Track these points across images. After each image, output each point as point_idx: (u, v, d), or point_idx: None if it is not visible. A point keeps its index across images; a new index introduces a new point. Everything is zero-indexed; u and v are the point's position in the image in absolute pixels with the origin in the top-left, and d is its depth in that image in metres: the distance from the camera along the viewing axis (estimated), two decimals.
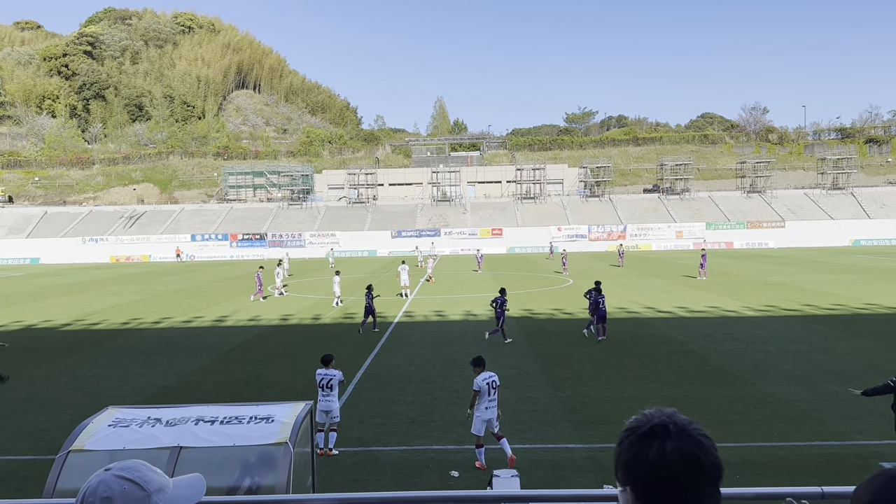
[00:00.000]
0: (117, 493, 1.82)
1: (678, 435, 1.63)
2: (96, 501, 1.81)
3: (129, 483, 1.85)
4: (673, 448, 1.61)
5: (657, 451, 1.61)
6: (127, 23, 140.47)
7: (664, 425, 1.66)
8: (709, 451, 1.62)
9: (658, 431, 1.65)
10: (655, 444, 1.63)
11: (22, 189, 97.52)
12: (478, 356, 11.59)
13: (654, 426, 1.66)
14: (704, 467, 1.60)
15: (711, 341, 20.41)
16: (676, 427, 1.65)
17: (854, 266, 45.31)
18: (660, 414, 1.70)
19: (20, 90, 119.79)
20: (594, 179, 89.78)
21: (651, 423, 1.67)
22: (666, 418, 1.68)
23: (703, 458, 1.60)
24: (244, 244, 78.10)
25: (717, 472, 1.62)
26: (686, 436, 1.63)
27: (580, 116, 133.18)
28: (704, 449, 1.62)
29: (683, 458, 1.60)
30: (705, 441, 1.63)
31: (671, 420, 1.67)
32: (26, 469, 11.11)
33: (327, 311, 29.17)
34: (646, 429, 1.67)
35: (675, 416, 1.69)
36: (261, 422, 6.93)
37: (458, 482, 10.15)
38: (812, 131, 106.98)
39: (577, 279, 40.50)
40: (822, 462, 10.59)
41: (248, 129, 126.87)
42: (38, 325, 26.85)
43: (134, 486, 1.85)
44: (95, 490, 1.83)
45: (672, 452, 1.60)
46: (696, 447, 1.61)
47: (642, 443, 1.65)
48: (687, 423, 1.67)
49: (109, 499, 1.81)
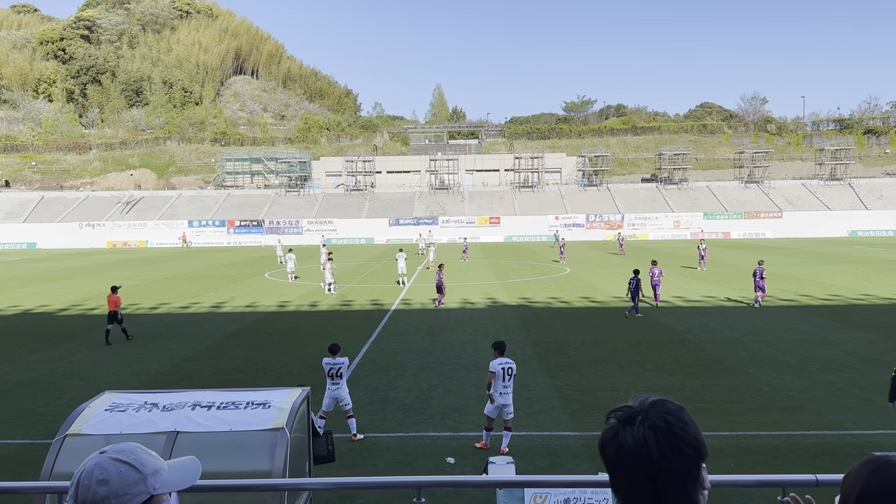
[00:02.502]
0: (113, 476, 1.83)
1: (641, 421, 1.63)
2: (92, 484, 1.81)
3: (124, 465, 1.86)
4: (632, 434, 1.61)
5: (618, 436, 1.64)
6: (125, 7, 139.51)
7: (630, 411, 1.67)
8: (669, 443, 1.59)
9: (621, 417, 1.66)
10: (619, 430, 1.64)
11: (19, 174, 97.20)
12: (499, 341, 11.64)
13: (617, 412, 1.69)
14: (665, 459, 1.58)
15: (707, 330, 20.47)
16: (642, 413, 1.65)
17: (851, 257, 45.41)
18: (636, 400, 1.71)
19: (17, 74, 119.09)
20: (592, 168, 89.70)
21: (617, 410, 1.70)
22: (635, 405, 1.69)
23: (666, 450, 1.58)
24: (241, 231, 78.02)
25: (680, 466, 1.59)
26: (650, 425, 1.62)
27: (579, 105, 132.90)
28: (661, 438, 1.59)
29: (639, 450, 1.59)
30: (665, 429, 1.61)
31: (638, 407, 1.67)
32: (23, 453, 11.13)
33: (324, 297, 29.20)
34: (614, 415, 1.69)
35: (645, 402, 1.69)
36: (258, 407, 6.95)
37: (453, 468, 10.20)
38: (811, 122, 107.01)
39: (576, 268, 40.55)
40: (816, 451, 10.65)
41: (246, 115, 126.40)
42: (36, 310, 26.84)
43: (130, 468, 1.86)
44: (91, 472, 1.83)
45: (629, 439, 1.61)
46: (661, 437, 1.60)
47: (609, 429, 1.68)
48: (656, 407, 1.65)
49: (106, 481, 1.81)
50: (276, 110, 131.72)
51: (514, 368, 11.01)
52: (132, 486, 1.84)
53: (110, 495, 1.81)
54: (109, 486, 1.81)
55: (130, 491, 1.83)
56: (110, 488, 1.81)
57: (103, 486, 1.81)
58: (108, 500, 1.80)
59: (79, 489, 1.81)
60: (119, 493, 1.82)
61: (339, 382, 11.83)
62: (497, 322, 22.50)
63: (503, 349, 11.29)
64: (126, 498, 1.82)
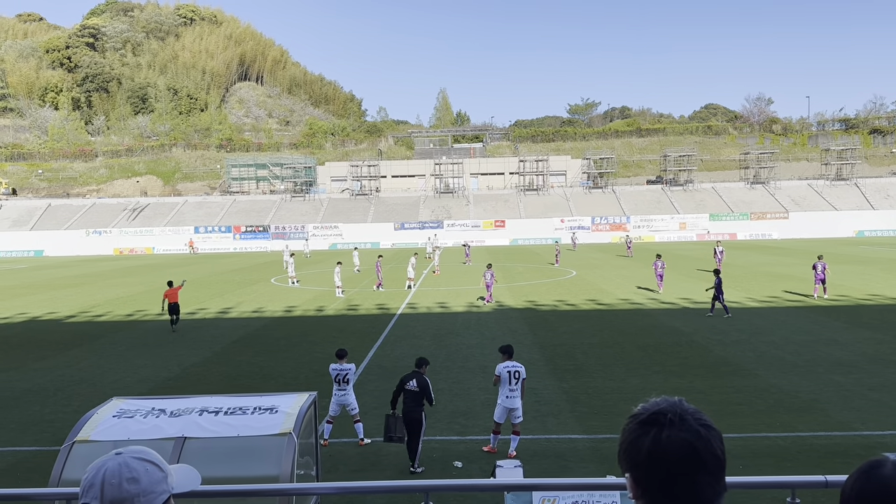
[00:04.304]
0: (142, 474, 1.87)
1: (677, 423, 1.61)
2: (122, 482, 1.84)
3: (150, 464, 1.92)
4: (668, 437, 1.59)
5: (653, 438, 1.61)
6: (129, 15, 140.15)
7: (663, 413, 1.64)
8: (707, 442, 1.60)
9: (657, 419, 1.63)
10: (652, 431, 1.62)
11: (25, 182, 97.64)
12: (506, 344, 11.73)
13: (653, 414, 1.65)
14: (701, 457, 1.58)
15: (715, 332, 20.40)
16: (676, 415, 1.63)
17: (858, 257, 45.21)
18: (664, 402, 1.69)
19: (23, 83, 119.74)
20: (597, 171, 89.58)
21: (650, 411, 1.66)
22: (667, 406, 1.66)
23: (700, 448, 1.58)
24: (247, 236, 78.19)
25: (716, 463, 1.59)
26: (685, 425, 1.61)
27: (583, 107, 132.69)
28: (703, 439, 1.59)
29: (678, 447, 1.58)
30: (705, 431, 1.61)
31: (672, 408, 1.65)
32: (32, 459, 11.17)
33: (331, 302, 29.21)
34: (645, 416, 1.66)
35: (678, 404, 1.67)
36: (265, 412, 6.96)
37: (461, 472, 10.18)
38: (816, 122, 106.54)
39: (582, 271, 40.47)
40: (825, 452, 10.60)
41: (251, 121, 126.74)
42: (43, 317, 26.94)
43: (155, 467, 1.92)
44: (118, 471, 1.86)
45: (666, 441, 1.59)
46: (695, 437, 1.59)
47: (641, 430, 1.64)
48: (690, 411, 1.65)
49: (136, 479, 1.86)
50: (281, 116, 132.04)
51: (521, 372, 10.97)
52: (158, 485, 1.90)
53: (140, 493, 1.85)
54: (139, 485, 1.85)
55: (156, 489, 1.89)
56: (140, 486, 1.85)
57: (133, 483, 1.85)
58: (138, 499, 1.85)
59: (105, 487, 1.83)
60: (147, 490, 1.86)
61: (345, 388, 11.85)
62: (503, 325, 22.48)
63: (510, 353, 11.29)
64: (153, 496, 1.88)
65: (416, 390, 10.52)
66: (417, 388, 10.53)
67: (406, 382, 10.63)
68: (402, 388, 10.62)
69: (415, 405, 10.46)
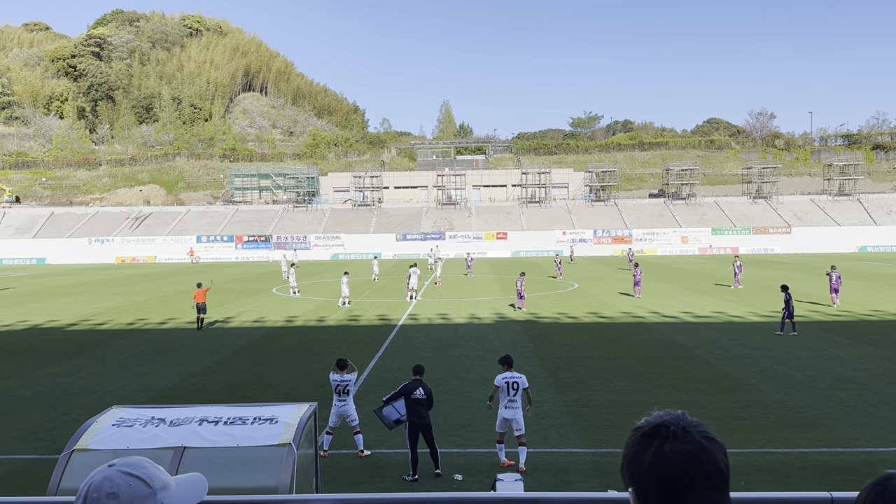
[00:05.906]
0: (123, 489, 1.77)
1: (680, 436, 1.58)
2: (102, 497, 1.75)
3: (134, 479, 1.81)
4: (671, 449, 1.57)
5: (655, 451, 1.58)
6: (135, 25, 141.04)
7: (666, 425, 1.61)
8: (711, 455, 1.57)
9: (659, 432, 1.61)
10: (655, 444, 1.59)
11: (29, 189, 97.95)
12: (505, 356, 11.77)
13: (656, 426, 1.62)
14: (705, 470, 1.56)
15: (717, 347, 20.33)
16: (679, 427, 1.60)
17: (860, 272, 45.11)
18: (666, 415, 1.66)
19: (28, 91, 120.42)
20: (600, 184, 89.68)
21: (653, 424, 1.64)
22: (670, 419, 1.64)
23: (704, 461, 1.56)
24: (249, 246, 78.27)
25: (719, 477, 1.57)
26: (689, 437, 1.58)
27: (586, 121, 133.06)
28: (706, 452, 1.57)
29: (682, 459, 1.55)
30: (708, 444, 1.58)
31: (675, 421, 1.63)
32: (30, 468, 11.12)
33: (332, 312, 29.18)
34: (647, 429, 1.63)
35: (681, 417, 1.65)
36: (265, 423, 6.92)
37: (461, 485, 10.13)
38: (819, 137, 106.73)
39: (584, 283, 40.42)
40: (828, 469, 10.53)
41: (255, 131, 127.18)
42: (44, 325, 26.92)
43: (140, 482, 1.81)
44: (101, 485, 1.78)
45: (670, 453, 1.56)
46: (698, 450, 1.57)
47: (643, 442, 1.62)
48: (694, 424, 1.62)
49: (115, 495, 1.76)
50: (285, 126, 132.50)
51: (520, 383, 10.94)
52: (141, 501, 1.79)
53: None
54: (119, 500, 1.76)
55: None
56: (119, 502, 1.76)
57: (113, 499, 1.75)
58: None
59: (87, 502, 1.77)
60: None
61: (345, 399, 11.81)
62: (504, 337, 22.42)
63: (510, 363, 11.29)
64: None
65: (423, 398, 10.78)
66: (425, 396, 10.81)
67: (412, 392, 10.78)
68: (408, 396, 10.73)
69: (424, 412, 10.75)
